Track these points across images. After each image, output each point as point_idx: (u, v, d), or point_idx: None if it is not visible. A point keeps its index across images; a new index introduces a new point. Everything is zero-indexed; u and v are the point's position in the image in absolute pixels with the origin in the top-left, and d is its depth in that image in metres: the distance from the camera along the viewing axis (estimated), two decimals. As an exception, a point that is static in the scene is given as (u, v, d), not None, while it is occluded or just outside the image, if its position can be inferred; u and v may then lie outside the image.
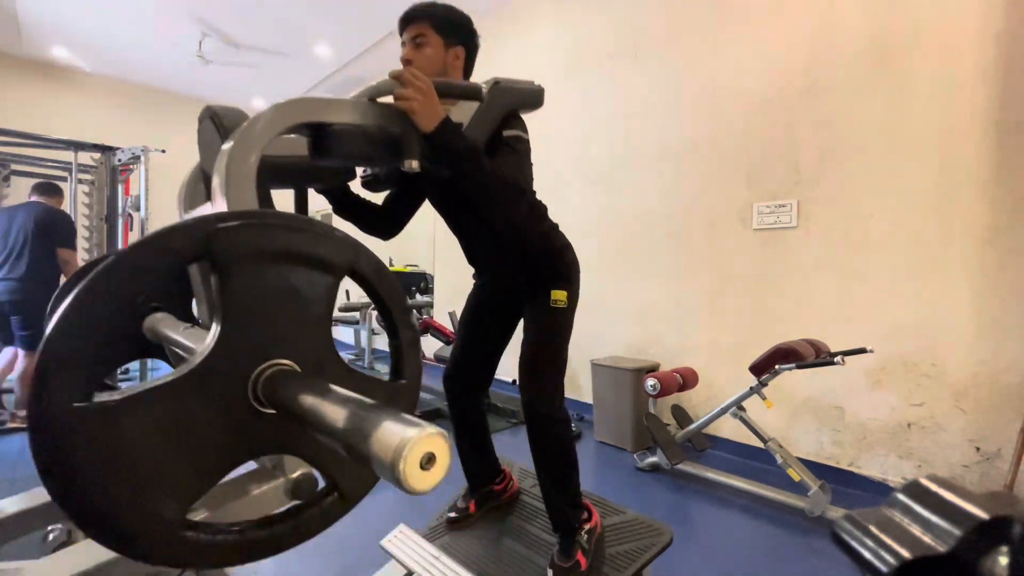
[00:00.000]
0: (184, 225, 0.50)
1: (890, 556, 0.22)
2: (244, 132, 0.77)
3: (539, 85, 1.28)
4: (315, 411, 0.43)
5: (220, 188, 0.72)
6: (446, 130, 0.99)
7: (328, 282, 0.58)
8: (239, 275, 0.51)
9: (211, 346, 0.50)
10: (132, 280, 0.47)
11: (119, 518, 0.44)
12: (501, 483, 1.69)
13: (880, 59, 2.36)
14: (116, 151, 3.69)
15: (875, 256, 2.38)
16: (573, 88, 3.77)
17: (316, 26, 4.91)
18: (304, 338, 0.56)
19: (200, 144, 0.90)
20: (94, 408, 0.43)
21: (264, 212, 0.56)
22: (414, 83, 0.97)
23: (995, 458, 2.07)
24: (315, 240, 0.57)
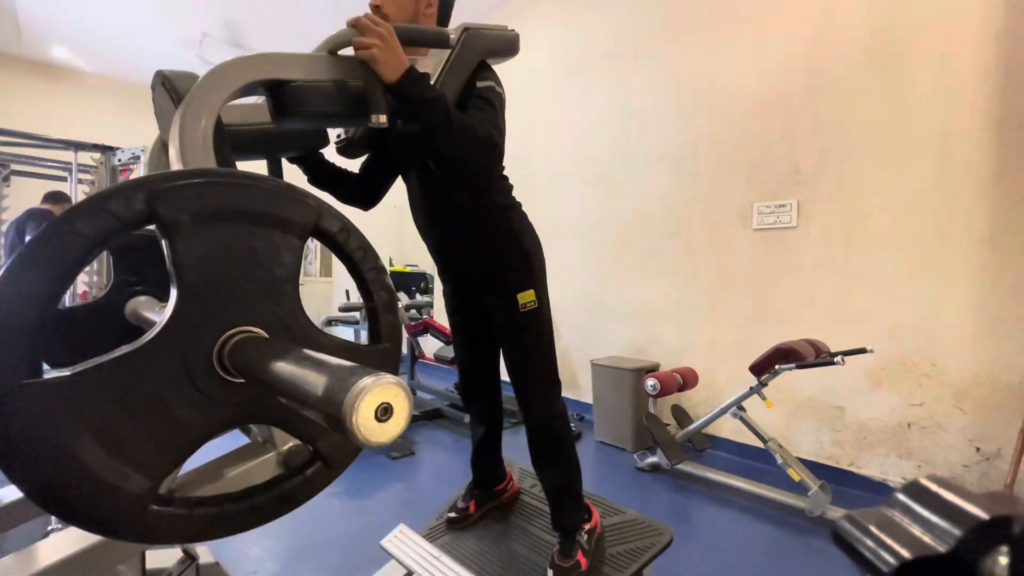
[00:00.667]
0: (122, 185, 0.47)
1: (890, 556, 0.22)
2: (194, 94, 0.72)
3: (513, 31, 1.19)
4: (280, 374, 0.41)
5: (176, 155, 0.69)
6: (410, 79, 0.92)
7: (291, 243, 0.54)
8: (191, 237, 0.48)
9: (168, 315, 0.48)
10: (71, 247, 0.44)
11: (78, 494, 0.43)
12: (501, 483, 1.69)
13: (880, 59, 2.36)
14: (116, 151, 3.70)
15: (875, 256, 2.38)
16: (573, 88, 3.77)
17: (316, 26, 4.91)
18: (270, 303, 0.53)
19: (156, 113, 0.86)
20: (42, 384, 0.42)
21: (211, 169, 0.53)
22: (373, 29, 0.89)
23: (995, 458, 2.07)
24: (271, 198, 0.53)
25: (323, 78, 0.88)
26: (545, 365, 1.38)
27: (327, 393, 0.35)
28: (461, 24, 1.10)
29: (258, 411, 0.53)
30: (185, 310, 0.48)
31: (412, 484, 2.55)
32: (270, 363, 0.43)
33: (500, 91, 1.16)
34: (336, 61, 0.90)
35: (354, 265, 0.60)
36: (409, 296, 4.55)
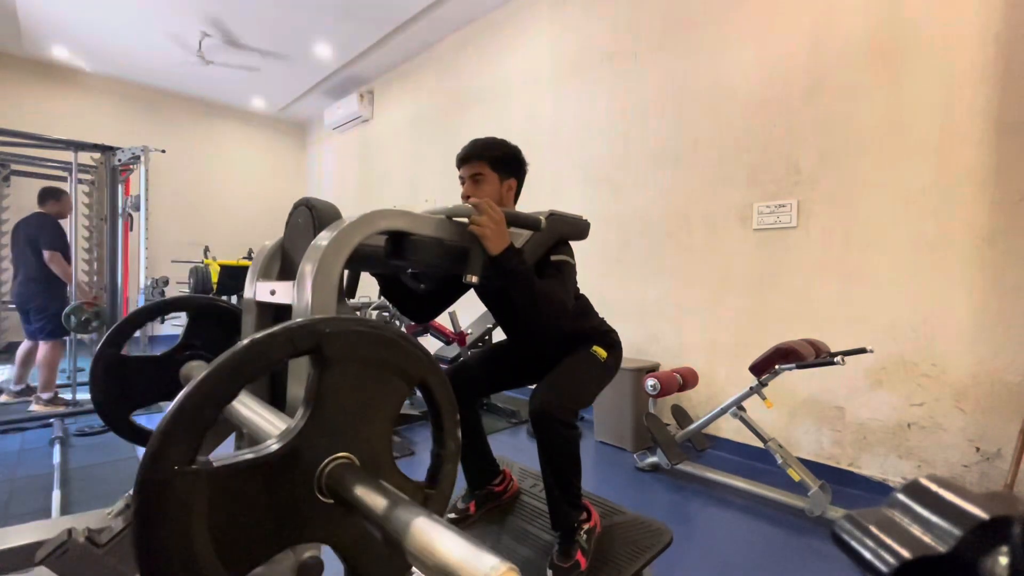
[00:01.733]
0: (304, 325, 0.55)
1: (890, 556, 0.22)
2: (341, 235, 0.86)
3: (586, 220, 1.45)
4: (369, 506, 0.49)
5: (310, 277, 0.81)
6: (510, 255, 1.15)
7: (403, 389, 0.64)
8: (337, 374, 0.57)
9: (298, 431, 0.54)
10: (258, 364, 0.51)
11: (178, 572, 0.47)
12: (501, 483, 1.69)
13: (880, 59, 2.36)
14: (116, 151, 3.69)
15: (875, 256, 2.38)
16: (573, 88, 3.77)
17: (316, 26, 4.91)
18: (370, 436, 0.60)
19: (289, 225, 1.01)
20: (193, 471, 0.47)
21: (371, 322, 0.61)
22: (490, 214, 1.11)
23: (995, 458, 2.07)
24: (404, 354, 0.63)
25: (438, 236, 1.06)
26: (587, 396, 1.46)
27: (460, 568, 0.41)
28: (548, 211, 1.34)
29: (328, 531, 0.57)
30: (312, 430, 0.55)
31: (412, 484, 2.54)
32: (365, 492, 0.50)
33: (573, 263, 1.38)
34: (451, 225, 1.10)
35: (438, 414, 0.68)
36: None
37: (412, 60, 5.53)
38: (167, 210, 6.61)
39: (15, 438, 2.98)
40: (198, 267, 4.71)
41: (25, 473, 2.47)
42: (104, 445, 2.84)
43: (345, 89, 6.49)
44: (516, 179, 1.49)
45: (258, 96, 7.00)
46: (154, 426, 1.06)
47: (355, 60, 5.63)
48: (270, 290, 0.96)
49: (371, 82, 6.21)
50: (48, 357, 3.48)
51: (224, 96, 7.03)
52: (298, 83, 6.43)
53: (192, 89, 6.76)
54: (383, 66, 5.78)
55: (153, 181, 3.83)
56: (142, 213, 3.73)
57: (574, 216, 1.40)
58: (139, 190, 3.74)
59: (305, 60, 5.70)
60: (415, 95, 5.50)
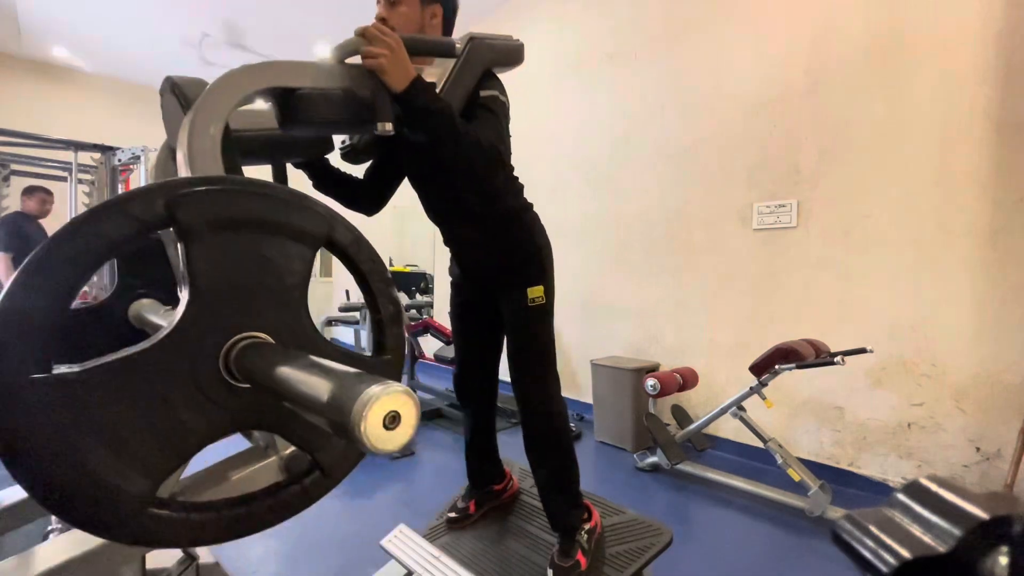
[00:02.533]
0: (145, 189, 0.48)
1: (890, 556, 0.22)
2: (204, 101, 0.73)
3: (518, 40, 1.21)
4: (286, 380, 0.41)
5: (184, 161, 0.70)
6: (417, 89, 0.94)
7: (303, 253, 0.56)
8: (206, 243, 0.50)
9: (178, 317, 0.48)
10: (90, 245, 0.45)
11: (78, 492, 0.43)
12: (501, 483, 1.69)
13: (880, 59, 2.36)
14: (116, 151, 3.70)
15: (875, 256, 2.38)
16: (573, 88, 3.77)
17: (316, 26, 4.91)
18: (279, 310, 0.53)
19: (164, 119, 0.87)
20: (52, 380, 0.42)
21: (231, 177, 0.54)
22: (382, 39, 0.91)
23: (995, 458, 2.07)
24: (287, 208, 0.54)
25: (330, 86, 0.89)
26: (546, 361, 1.40)
27: (335, 400, 0.35)
28: (467, 34, 1.12)
29: (260, 417, 0.53)
30: (195, 314, 0.49)
31: (412, 484, 2.55)
32: (276, 368, 0.43)
33: (504, 100, 1.17)
34: (344, 69, 0.91)
35: (363, 277, 0.61)
36: (409, 296, 4.56)
37: (412, 60, 5.52)
38: (167, 210, 6.60)
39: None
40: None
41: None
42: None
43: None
44: (442, 6, 1.24)
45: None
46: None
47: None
48: None
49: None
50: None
51: (224, 96, 7.02)
52: (298, 83, 6.42)
53: (192, 89, 6.75)
54: (383, 66, 5.78)
55: (153, 181, 3.82)
56: (142, 213, 3.73)
57: (500, 36, 1.17)
58: (139, 190, 3.74)
59: (305, 60, 5.70)
60: (415, 95, 5.49)
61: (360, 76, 0.91)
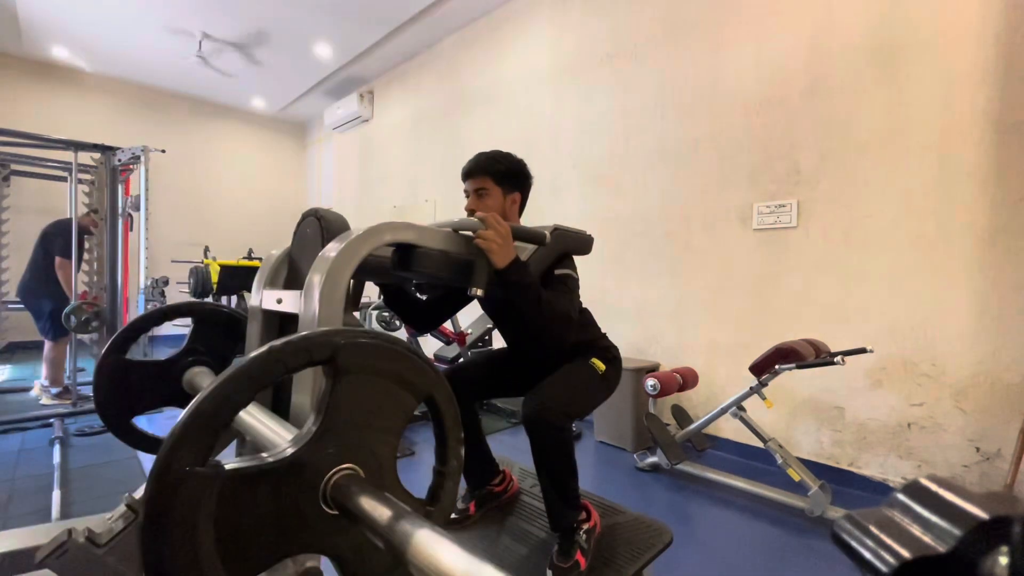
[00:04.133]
0: (321, 335, 0.56)
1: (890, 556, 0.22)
2: (349, 246, 0.86)
3: (589, 235, 1.46)
4: (365, 512, 0.49)
5: (318, 288, 0.81)
6: (515, 268, 1.15)
7: (410, 403, 0.64)
8: (349, 384, 0.58)
9: (308, 439, 0.54)
10: (274, 372, 0.52)
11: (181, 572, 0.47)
12: (501, 483, 1.69)
13: (880, 59, 2.36)
14: (116, 151, 3.69)
15: (875, 256, 2.38)
16: (573, 88, 3.77)
17: (316, 26, 4.91)
18: (376, 448, 0.60)
19: (297, 235, 1.01)
20: (204, 472, 0.48)
21: (385, 335, 0.61)
22: (496, 228, 1.12)
23: (995, 458, 2.07)
24: (414, 367, 0.63)
25: (445, 248, 1.07)
26: (580, 404, 1.46)
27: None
28: (552, 225, 1.36)
29: (330, 542, 0.57)
30: (320, 440, 0.56)
31: (412, 484, 2.53)
32: (369, 503, 0.51)
33: (576, 277, 1.39)
34: (457, 238, 1.11)
35: (442, 431, 0.68)
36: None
37: (412, 60, 5.53)
38: (167, 210, 6.61)
39: (15, 438, 2.98)
40: (198, 267, 4.70)
41: (25, 473, 2.47)
42: (104, 445, 2.84)
43: (345, 89, 6.49)
44: (520, 193, 1.50)
45: (258, 96, 7.00)
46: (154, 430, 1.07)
47: (355, 60, 5.63)
48: (276, 299, 0.96)
49: (371, 82, 6.21)
50: (52, 354, 3.61)
51: (224, 96, 7.03)
52: (298, 83, 6.43)
53: (192, 89, 6.76)
54: (383, 66, 5.78)
55: (153, 181, 3.83)
56: (142, 213, 3.73)
57: (578, 231, 1.42)
58: (139, 190, 3.74)
59: (305, 60, 5.70)
60: (415, 95, 5.50)
61: (468, 246, 1.12)
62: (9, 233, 4.07)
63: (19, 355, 5.47)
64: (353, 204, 6.51)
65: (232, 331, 1.16)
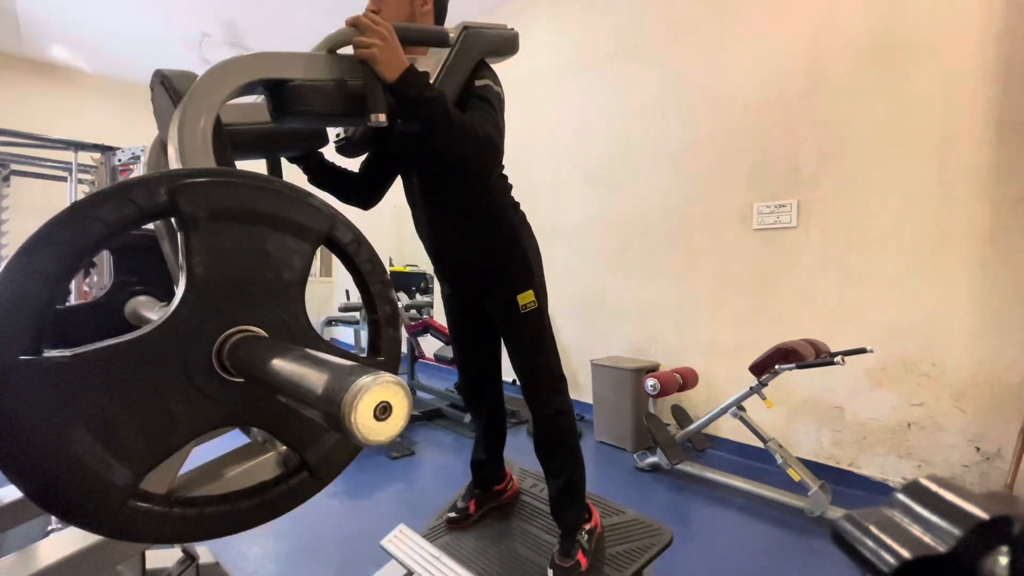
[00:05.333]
0: (148, 177, 0.48)
1: (890, 556, 0.22)
2: (193, 93, 0.72)
3: (512, 29, 1.20)
4: (279, 373, 0.41)
5: (175, 154, 0.69)
6: (410, 78, 0.92)
7: (302, 249, 0.55)
8: (207, 233, 0.49)
9: (173, 307, 0.47)
10: (89, 229, 0.44)
11: (60, 480, 0.42)
12: (501, 483, 1.69)
13: (880, 59, 2.36)
14: (116, 151, 3.70)
15: (875, 256, 2.38)
16: (573, 88, 3.77)
17: (316, 26, 4.90)
18: (275, 305, 0.53)
19: (155, 113, 0.86)
20: (41, 362, 0.41)
21: (234, 170, 0.54)
22: (374, 28, 0.90)
23: (995, 458, 2.07)
24: (288, 203, 0.54)
25: (322, 77, 0.87)
26: (547, 363, 1.39)
27: (327, 392, 0.35)
28: (460, 23, 1.11)
29: (251, 413, 0.52)
30: (191, 304, 0.48)
31: (412, 484, 2.55)
32: (270, 361, 0.43)
33: (499, 90, 1.16)
34: (336, 60, 0.90)
35: (361, 277, 0.61)
36: (409, 296, 4.55)
37: (412, 60, 5.52)
38: (167, 210, 6.60)
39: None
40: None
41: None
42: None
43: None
44: None
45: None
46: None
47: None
48: None
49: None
50: None
51: (224, 96, 7.02)
52: (298, 83, 6.42)
53: (192, 89, 6.75)
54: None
55: (153, 181, 3.82)
56: (142, 213, 3.73)
57: (495, 25, 1.16)
58: (139, 190, 3.74)
59: (305, 60, 5.69)
60: (415, 95, 5.49)
61: (352, 67, 0.90)
62: (9, 233, 4.07)
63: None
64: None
65: (158, 253, 1.01)
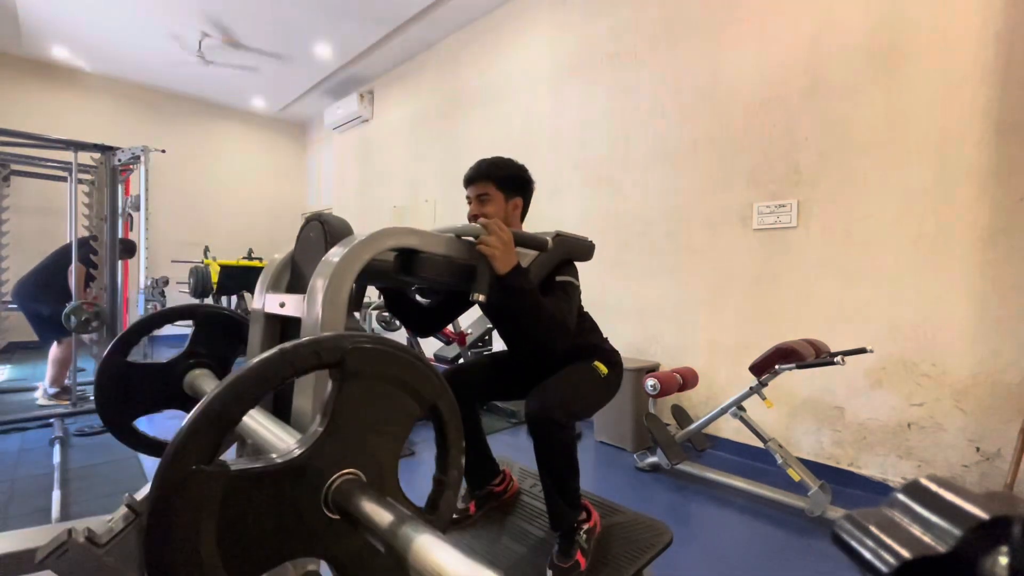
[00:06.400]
0: (331, 339, 0.57)
1: (890, 556, 0.22)
2: (352, 251, 0.86)
3: (591, 242, 1.47)
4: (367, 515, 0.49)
5: (321, 292, 0.82)
6: (517, 275, 1.16)
7: (415, 411, 0.64)
8: (355, 388, 0.58)
9: (311, 444, 0.54)
10: (282, 372, 0.52)
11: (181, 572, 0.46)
12: (500, 483, 1.69)
13: (880, 59, 2.36)
14: (116, 151, 3.69)
15: (875, 256, 2.38)
16: (573, 88, 3.77)
17: (316, 26, 4.91)
18: (379, 454, 0.60)
19: (300, 239, 1.02)
20: (209, 470, 0.47)
21: (391, 342, 0.62)
22: (499, 234, 1.14)
23: (995, 458, 2.07)
24: (420, 375, 0.64)
25: (447, 254, 1.08)
26: (582, 404, 1.44)
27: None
28: (554, 231, 1.37)
29: (328, 547, 0.57)
30: (324, 446, 0.55)
31: (412, 484, 2.54)
32: (371, 507, 0.51)
33: (578, 284, 1.40)
34: (460, 244, 1.12)
35: (445, 442, 0.68)
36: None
37: (412, 60, 5.53)
38: (167, 210, 6.61)
39: (15, 438, 2.98)
40: (198, 267, 4.71)
41: (25, 473, 2.47)
42: (104, 445, 2.84)
43: (345, 89, 6.49)
44: (522, 198, 1.51)
45: (258, 96, 7.00)
46: (154, 432, 1.07)
47: (355, 60, 5.63)
48: (279, 302, 0.97)
49: (371, 82, 6.21)
50: (58, 355, 3.62)
51: (224, 96, 7.03)
52: (298, 83, 6.43)
53: (192, 89, 6.76)
54: (383, 66, 5.78)
55: (153, 181, 3.83)
56: (142, 213, 3.72)
57: (579, 237, 1.43)
58: (139, 190, 3.74)
59: (305, 60, 5.70)
60: (415, 95, 5.50)
61: (470, 251, 1.13)
62: (9, 233, 4.07)
63: (19, 355, 5.47)
64: (353, 204, 6.50)
65: (233, 334, 1.16)
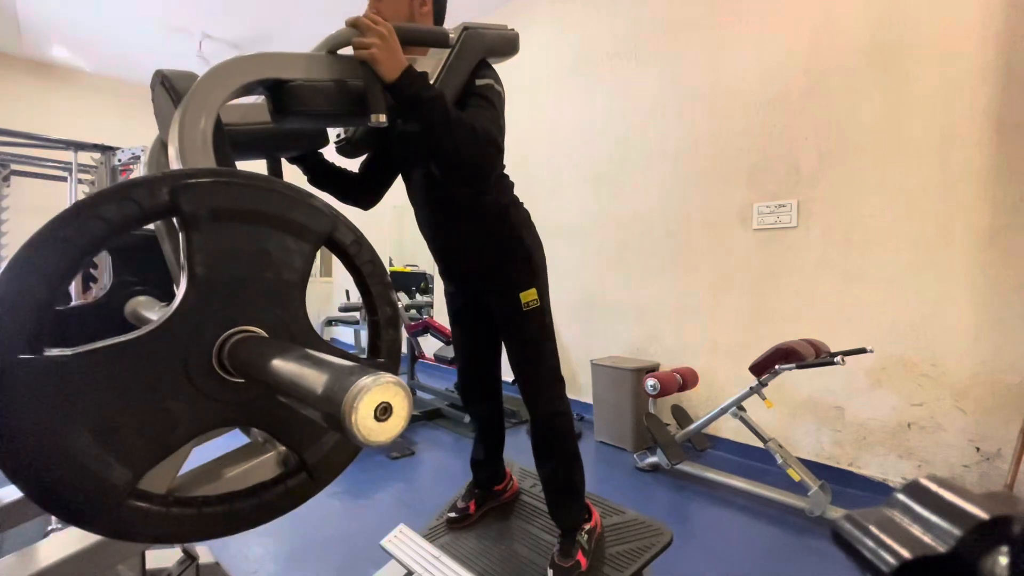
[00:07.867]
0: (151, 177, 0.48)
1: (890, 556, 0.22)
2: (193, 94, 0.73)
3: (513, 30, 1.20)
4: (279, 373, 0.41)
5: (175, 154, 0.69)
6: (409, 78, 0.93)
7: (303, 249, 0.55)
8: (208, 233, 0.49)
9: (174, 307, 0.48)
10: (90, 228, 0.44)
11: (60, 480, 0.42)
12: (501, 483, 1.69)
13: (880, 59, 2.36)
14: (116, 151, 3.69)
15: (875, 256, 2.38)
16: (573, 88, 3.77)
17: (317, 26, 4.91)
18: (275, 306, 0.53)
19: (155, 112, 0.86)
20: (41, 361, 0.41)
21: (236, 170, 0.54)
22: (373, 28, 0.90)
23: (995, 458, 2.07)
24: (290, 204, 0.54)
25: (322, 77, 0.88)
26: (547, 364, 1.39)
27: (327, 392, 0.35)
28: (461, 23, 1.11)
29: (251, 413, 0.53)
30: (191, 304, 0.48)
31: (412, 484, 2.55)
32: (270, 361, 0.43)
33: (500, 89, 1.15)
34: (335, 60, 0.90)
35: (362, 278, 0.61)
36: (409, 296, 4.55)
37: (412, 60, 5.52)
38: (167, 210, 6.60)
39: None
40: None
41: None
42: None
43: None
44: None
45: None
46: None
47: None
48: None
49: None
50: None
51: (224, 96, 7.02)
52: (298, 83, 6.42)
53: (192, 89, 6.75)
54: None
55: (153, 181, 3.82)
56: (142, 213, 3.73)
57: (496, 25, 1.16)
58: (139, 190, 3.74)
59: (305, 60, 5.69)
60: (415, 95, 5.49)
61: (352, 67, 0.91)
62: (9, 233, 4.07)
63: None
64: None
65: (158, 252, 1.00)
